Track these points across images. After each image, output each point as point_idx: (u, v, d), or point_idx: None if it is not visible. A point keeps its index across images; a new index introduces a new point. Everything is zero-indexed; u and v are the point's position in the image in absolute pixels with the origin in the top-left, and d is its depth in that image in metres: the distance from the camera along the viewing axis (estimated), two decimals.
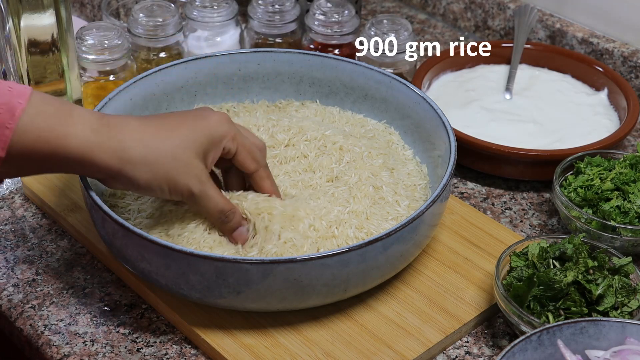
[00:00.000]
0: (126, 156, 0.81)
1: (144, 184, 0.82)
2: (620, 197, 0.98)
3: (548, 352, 0.77)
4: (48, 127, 0.78)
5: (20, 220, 1.03)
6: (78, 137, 0.79)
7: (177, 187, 0.83)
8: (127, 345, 0.88)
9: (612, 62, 1.25)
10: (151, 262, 0.84)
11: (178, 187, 0.83)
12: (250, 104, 1.09)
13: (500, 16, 1.35)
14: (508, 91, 1.20)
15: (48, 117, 0.78)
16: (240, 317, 0.89)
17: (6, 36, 1.05)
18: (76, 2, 1.43)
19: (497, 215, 1.06)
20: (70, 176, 1.05)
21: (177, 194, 0.84)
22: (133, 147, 0.81)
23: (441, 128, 0.97)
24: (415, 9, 1.47)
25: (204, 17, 1.21)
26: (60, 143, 0.79)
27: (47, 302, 0.93)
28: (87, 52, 1.12)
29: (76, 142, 0.79)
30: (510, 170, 1.09)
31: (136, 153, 0.81)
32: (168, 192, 0.84)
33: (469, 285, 0.94)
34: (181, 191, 0.84)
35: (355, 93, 1.07)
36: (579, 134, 1.12)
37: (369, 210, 0.91)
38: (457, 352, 0.89)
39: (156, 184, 0.83)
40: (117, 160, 0.81)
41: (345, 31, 1.21)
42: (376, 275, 0.87)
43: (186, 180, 0.83)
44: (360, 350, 0.86)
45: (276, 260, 0.81)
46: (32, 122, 0.77)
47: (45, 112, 0.78)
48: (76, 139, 0.79)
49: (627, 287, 0.87)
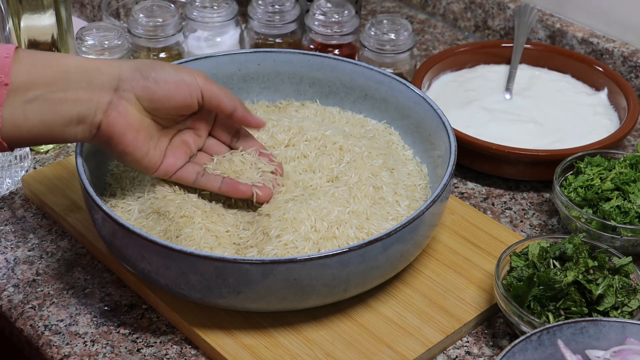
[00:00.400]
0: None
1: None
2: (620, 197, 0.98)
3: (548, 352, 0.77)
4: (43, 55, 0.83)
5: (21, 220, 1.03)
6: (73, 57, 0.85)
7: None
8: (128, 345, 0.88)
9: (612, 62, 1.25)
10: (151, 262, 0.84)
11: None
12: (250, 104, 1.09)
13: (500, 16, 1.35)
14: (508, 91, 1.20)
15: (39, 53, 0.84)
16: (240, 317, 0.89)
17: (6, 36, 1.05)
18: (76, 2, 1.43)
19: (497, 215, 1.06)
20: (71, 176, 1.05)
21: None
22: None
23: (441, 128, 0.97)
24: (415, 9, 1.47)
25: (204, 18, 1.21)
26: (60, 61, 0.83)
27: (47, 303, 0.93)
28: (87, 53, 1.12)
29: (72, 58, 0.85)
30: (510, 170, 1.09)
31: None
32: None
33: (469, 285, 0.93)
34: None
35: (355, 93, 1.07)
36: (579, 134, 1.12)
37: (369, 211, 0.91)
38: (458, 352, 0.89)
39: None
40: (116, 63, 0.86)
41: (345, 31, 1.21)
42: (376, 276, 0.87)
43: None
44: (360, 351, 0.86)
45: (276, 261, 0.81)
46: (27, 54, 0.82)
47: (35, 52, 0.84)
48: (71, 57, 0.85)
49: (627, 287, 0.87)
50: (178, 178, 0.92)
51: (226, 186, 0.92)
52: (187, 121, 0.92)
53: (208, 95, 0.89)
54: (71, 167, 1.07)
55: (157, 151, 0.89)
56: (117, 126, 0.85)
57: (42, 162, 1.11)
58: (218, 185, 0.92)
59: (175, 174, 0.91)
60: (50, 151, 1.13)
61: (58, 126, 0.83)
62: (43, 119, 0.82)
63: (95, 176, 0.94)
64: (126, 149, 0.86)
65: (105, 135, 0.85)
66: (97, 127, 0.85)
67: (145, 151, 0.88)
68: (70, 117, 0.83)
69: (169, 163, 0.90)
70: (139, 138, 0.87)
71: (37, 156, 1.12)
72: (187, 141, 0.92)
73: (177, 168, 0.91)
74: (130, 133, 0.86)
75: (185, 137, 0.92)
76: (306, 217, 0.88)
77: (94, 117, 0.84)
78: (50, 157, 1.12)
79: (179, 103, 0.87)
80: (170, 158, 0.90)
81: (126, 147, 0.86)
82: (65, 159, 1.08)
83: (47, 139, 0.84)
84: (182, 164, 0.92)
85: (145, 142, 0.88)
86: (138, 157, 0.88)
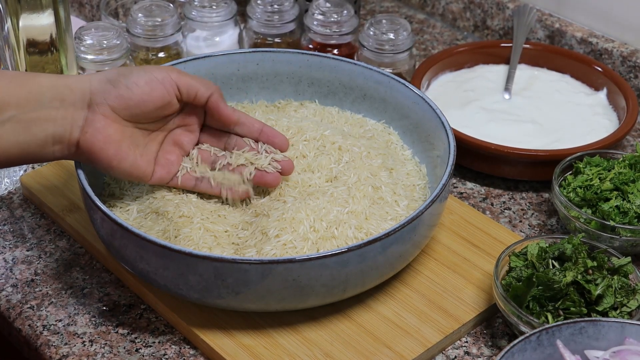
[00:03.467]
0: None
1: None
2: (619, 197, 0.98)
3: (547, 353, 0.77)
4: (14, 75, 0.83)
5: (19, 220, 1.03)
6: (46, 75, 0.84)
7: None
8: (126, 345, 0.88)
9: (611, 62, 1.25)
10: (150, 262, 0.84)
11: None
12: (249, 104, 1.09)
13: (499, 16, 1.35)
14: (507, 91, 1.20)
15: (11, 73, 0.83)
16: (239, 317, 0.89)
17: (5, 36, 1.05)
18: (75, 2, 1.43)
19: (496, 215, 1.05)
20: (69, 176, 1.05)
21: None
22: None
23: (440, 128, 0.97)
24: (414, 8, 1.47)
25: (202, 17, 1.21)
26: (32, 80, 0.82)
27: (45, 303, 0.93)
28: (86, 52, 1.12)
29: (44, 77, 0.83)
30: (509, 170, 1.09)
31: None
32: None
33: (468, 286, 0.93)
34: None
35: (354, 93, 1.07)
36: (578, 134, 1.12)
37: (368, 211, 0.91)
38: (456, 352, 0.89)
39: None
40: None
41: (344, 31, 1.21)
42: (375, 276, 0.87)
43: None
44: (359, 351, 0.86)
45: (275, 261, 0.81)
46: (0, 75, 0.82)
47: (7, 73, 0.83)
48: (44, 76, 0.83)
49: (626, 287, 0.87)
50: (175, 184, 0.91)
51: (225, 191, 0.92)
52: (175, 119, 0.90)
53: (185, 87, 0.87)
54: (69, 167, 1.06)
55: (145, 158, 0.88)
56: (96, 142, 0.84)
57: None
58: (218, 190, 0.92)
59: (172, 180, 0.91)
60: None
61: (34, 147, 0.82)
62: (18, 140, 0.81)
63: (93, 176, 0.93)
64: (111, 162, 0.85)
65: (86, 152, 0.84)
66: (75, 145, 0.84)
67: (132, 161, 0.86)
68: (45, 137, 0.82)
69: (164, 170, 0.90)
70: (122, 149, 0.85)
71: None
72: (179, 141, 0.91)
73: (173, 174, 0.90)
74: (112, 146, 0.85)
75: (177, 137, 0.91)
76: (305, 217, 0.88)
77: (70, 135, 0.83)
78: None
79: (157, 102, 0.86)
80: (163, 163, 0.90)
81: (110, 161, 0.85)
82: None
83: (24, 159, 0.83)
84: (177, 168, 0.91)
85: (130, 152, 0.86)
86: (125, 168, 0.86)
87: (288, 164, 0.93)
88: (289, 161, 0.93)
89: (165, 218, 0.90)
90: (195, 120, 0.92)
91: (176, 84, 0.87)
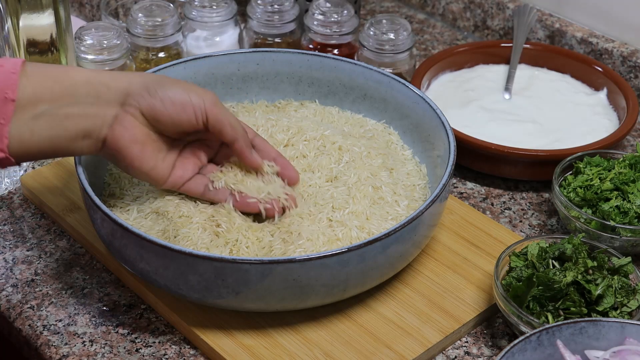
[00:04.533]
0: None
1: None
2: (619, 197, 0.98)
3: (547, 353, 0.77)
4: (50, 69, 0.83)
5: (19, 220, 1.03)
6: (80, 70, 0.84)
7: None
8: (126, 345, 0.88)
9: (612, 62, 1.25)
10: (150, 262, 0.84)
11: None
12: (249, 104, 1.09)
13: (499, 16, 1.35)
14: (507, 91, 1.20)
15: (46, 67, 0.83)
16: (239, 317, 0.89)
17: (5, 36, 1.05)
18: (75, 2, 1.43)
19: (497, 215, 1.05)
20: (70, 176, 1.05)
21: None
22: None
23: (440, 128, 0.97)
24: (415, 8, 1.47)
25: (202, 17, 1.21)
26: (67, 75, 0.83)
27: (46, 303, 0.93)
28: (86, 52, 1.12)
29: (79, 72, 0.84)
30: (509, 170, 1.09)
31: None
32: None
33: (468, 286, 0.93)
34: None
35: (354, 93, 1.07)
36: (578, 134, 1.12)
37: (368, 211, 0.91)
38: (457, 352, 0.89)
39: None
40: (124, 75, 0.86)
41: (344, 31, 1.21)
42: (375, 276, 0.87)
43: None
44: (359, 351, 0.86)
45: (275, 261, 0.81)
46: (35, 68, 0.82)
47: (42, 66, 0.83)
48: (79, 70, 0.84)
49: (626, 287, 0.87)
50: (186, 190, 0.91)
51: (234, 201, 0.90)
52: (198, 132, 0.90)
53: (213, 121, 0.87)
54: (70, 167, 1.06)
55: (165, 164, 0.88)
56: (122, 140, 0.84)
57: (40, 162, 1.11)
58: (226, 199, 0.91)
59: (184, 185, 0.90)
60: None
61: (64, 141, 0.83)
62: (50, 135, 0.82)
63: (93, 176, 0.93)
64: (133, 162, 0.86)
65: (111, 149, 0.85)
66: (102, 142, 0.85)
67: (153, 164, 0.87)
68: (76, 132, 0.83)
69: (177, 175, 0.90)
70: (146, 151, 0.86)
71: None
72: (197, 152, 0.91)
73: (185, 180, 0.90)
74: (136, 147, 0.85)
75: (195, 149, 0.91)
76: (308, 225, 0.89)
77: (99, 131, 0.84)
78: None
79: (184, 126, 0.86)
80: (179, 170, 0.90)
81: (133, 160, 0.86)
82: (64, 159, 1.08)
83: (53, 153, 0.84)
84: (190, 175, 0.91)
85: (153, 156, 0.87)
86: (145, 170, 0.87)
87: (292, 199, 0.92)
88: (294, 197, 0.92)
89: (165, 218, 0.90)
90: (215, 137, 0.91)
91: (207, 114, 0.86)
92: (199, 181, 0.91)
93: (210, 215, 0.90)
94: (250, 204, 0.90)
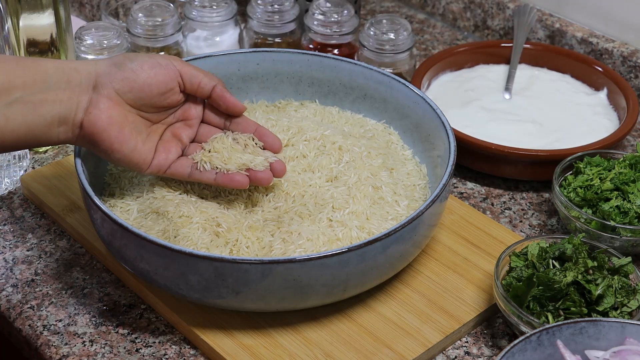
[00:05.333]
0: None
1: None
2: (619, 197, 0.98)
3: (547, 353, 0.77)
4: (21, 59, 0.85)
5: (19, 220, 1.03)
6: (51, 59, 0.86)
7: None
8: (126, 345, 0.88)
9: (612, 61, 1.25)
10: (150, 262, 0.84)
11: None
12: (249, 103, 1.09)
13: (499, 16, 1.35)
14: (507, 91, 1.20)
15: (17, 57, 0.86)
16: (239, 317, 0.89)
17: (5, 36, 1.05)
18: (75, 1, 1.43)
19: (497, 215, 1.05)
20: (70, 176, 1.05)
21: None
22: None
23: (440, 128, 0.97)
24: (415, 8, 1.47)
25: (203, 17, 1.21)
26: (38, 63, 0.84)
27: (46, 303, 0.92)
28: (86, 52, 1.12)
29: (50, 60, 0.85)
30: (509, 170, 1.08)
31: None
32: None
33: (468, 286, 0.93)
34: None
35: (354, 93, 1.07)
36: (578, 134, 1.12)
37: (368, 211, 0.91)
38: (457, 352, 0.89)
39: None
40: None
41: (344, 31, 1.21)
42: (375, 276, 0.87)
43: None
44: (359, 351, 0.86)
45: (275, 261, 0.81)
46: (5, 58, 0.84)
47: (13, 57, 0.86)
48: (49, 60, 0.86)
49: (626, 287, 0.87)
50: (172, 173, 0.91)
51: (222, 178, 0.90)
52: (176, 113, 0.91)
53: (188, 76, 0.88)
54: (70, 167, 1.06)
55: (146, 147, 0.88)
56: (99, 122, 0.84)
57: (40, 162, 1.11)
58: (213, 178, 0.91)
59: (169, 168, 0.90)
60: (49, 151, 1.13)
61: (40, 127, 0.83)
62: (25, 121, 0.82)
63: (94, 176, 0.94)
64: (112, 145, 0.86)
65: (89, 133, 0.85)
66: (79, 127, 0.85)
67: (133, 146, 0.87)
68: (51, 117, 0.83)
69: (161, 158, 0.89)
70: (124, 132, 0.86)
71: (35, 156, 1.12)
72: (178, 134, 0.91)
73: (170, 162, 0.90)
74: (114, 128, 0.85)
75: (176, 130, 0.91)
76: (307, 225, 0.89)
77: (74, 116, 0.84)
78: (49, 157, 1.12)
79: (161, 87, 0.87)
80: (162, 153, 0.90)
81: (112, 143, 0.85)
82: (64, 159, 1.08)
83: (30, 142, 0.84)
84: (174, 157, 0.91)
85: (132, 137, 0.87)
86: (126, 152, 0.86)
87: (279, 164, 0.92)
88: (280, 162, 0.92)
89: (165, 218, 0.90)
90: (195, 114, 0.92)
91: (179, 71, 0.88)
92: (185, 163, 0.91)
93: (211, 215, 0.90)
94: (235, 180, 0.90)
